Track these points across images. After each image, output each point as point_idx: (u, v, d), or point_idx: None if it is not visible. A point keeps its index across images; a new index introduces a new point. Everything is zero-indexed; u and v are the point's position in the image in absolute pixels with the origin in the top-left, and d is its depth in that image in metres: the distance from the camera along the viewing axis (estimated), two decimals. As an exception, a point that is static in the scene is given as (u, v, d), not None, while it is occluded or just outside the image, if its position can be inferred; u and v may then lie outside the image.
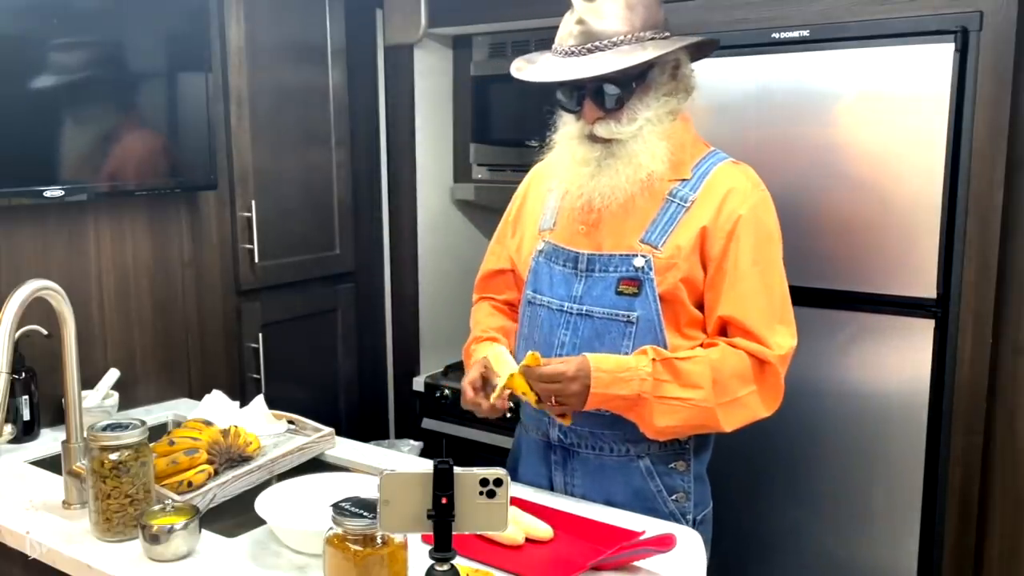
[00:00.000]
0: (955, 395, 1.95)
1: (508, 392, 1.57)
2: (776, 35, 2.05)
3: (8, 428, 1.84)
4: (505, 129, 2.90)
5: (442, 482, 1.12)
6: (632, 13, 1.57)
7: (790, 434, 2.15)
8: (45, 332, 1.81)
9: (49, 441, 1.99)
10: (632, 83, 1.58)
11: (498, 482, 1.14)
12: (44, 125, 2.00)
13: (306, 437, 1.94)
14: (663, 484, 1.67)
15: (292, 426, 2.02)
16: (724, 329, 1.62)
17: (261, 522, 1.49)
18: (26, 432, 2.01)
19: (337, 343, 2.89)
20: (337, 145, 2.78)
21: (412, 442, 2.78)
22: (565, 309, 1.67)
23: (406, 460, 1.96)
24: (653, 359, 1.55)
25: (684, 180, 1.63)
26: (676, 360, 1.56)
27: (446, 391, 2.93)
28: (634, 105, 1.59)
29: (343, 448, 1.96)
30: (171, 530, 1.42)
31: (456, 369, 3.02)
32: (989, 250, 1.89)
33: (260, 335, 2.58)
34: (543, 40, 2.67)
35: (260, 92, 2.52)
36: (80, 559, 1.45)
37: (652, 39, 1.58)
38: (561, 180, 1.68)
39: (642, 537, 1.45)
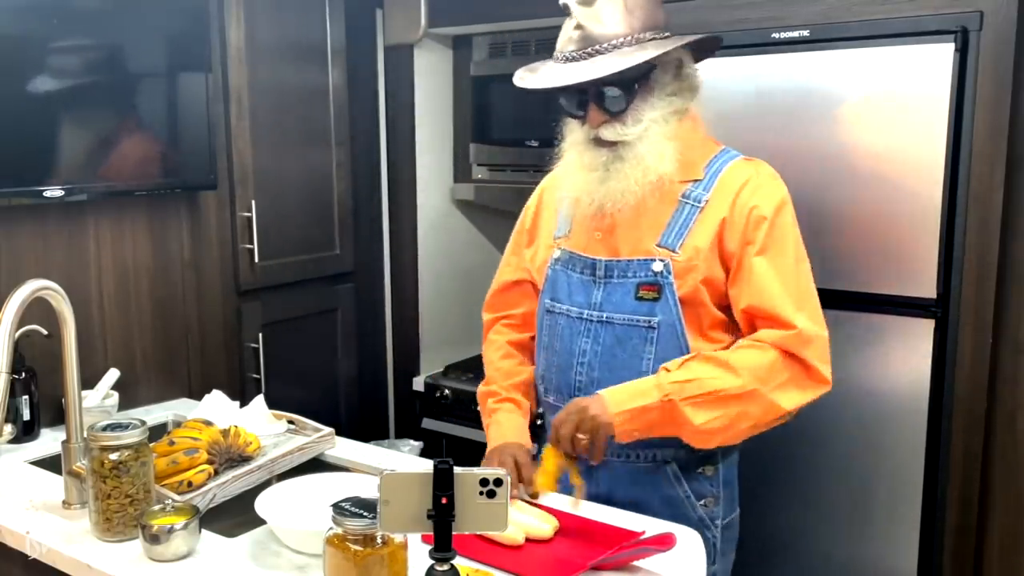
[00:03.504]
0: (955, 395, 1.95)
1: (550, 471, 1.58)
2: (776, 35, 2.05)
3: (8, 428, 1.84)
4: (505, 129, 2.90)
5: (442, 482, 1.12)
6: (630, 15, 1.56)
7: (790, 434, 2.14)
8: (45, 332, 1.81)
9: (49, 441, 1.99)
10: (635, 84, 1.57)
11: (498, 482, 1.14)
12: (44, 125, 2.00)
13: (306, 437, 1.94)
14: (691, 489, 1.66)
15: (292, 426, 2.02)
16: (753, 323, 1.60)
17: (261, 522, 1.49)
18: (26, 432, 2.01)
19: (337, 343, 2.89)
20: (337, 145, 2.78)
21: (412, 442, 2.78)
22: (585, 317, 1.66)
23: (406, 460, 1.96)
24: (666, 369, 1.55)
25: (697, 180, 1.62)
26: (691, 360, 1.55)
27: (446, 391, 2.93)
28: (638, 106, 1.58)
29: (343, 448, 1.96)
30: (171, 530, 1.42)
31: (456, 369, 3.03)
32: (989, 250, 1.89)
33: (260, 335, 2.58)
34: (543, 40, 2.69)
35: (260, 92, 2.52)
36: (80, 559, 1.45)
37: (652, 39, 1.57)
38: (571, 187, 1.67)
39: (642, 537, 1.45)
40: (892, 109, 1.93)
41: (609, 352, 1.63)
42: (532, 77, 1.63)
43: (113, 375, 2.13)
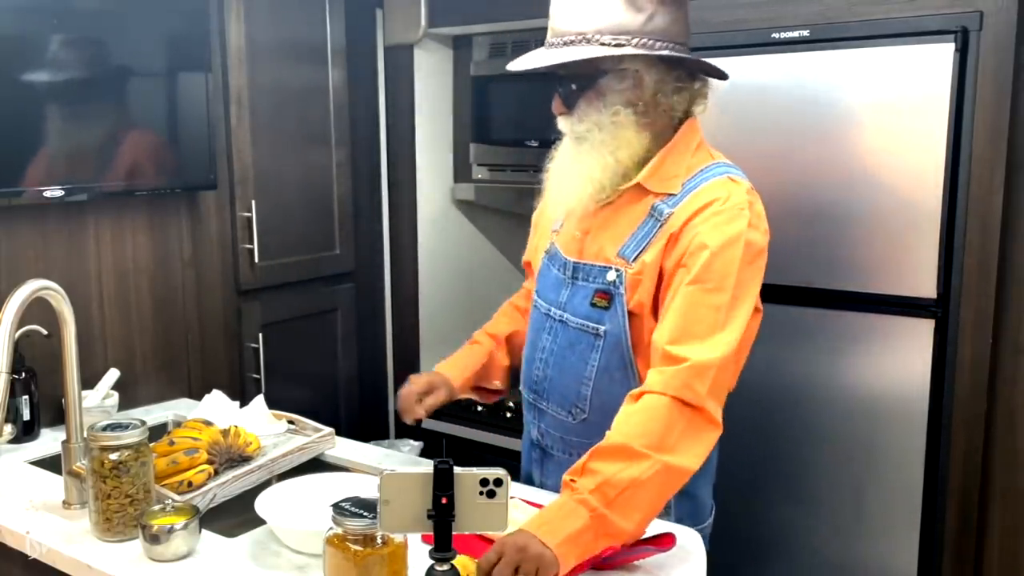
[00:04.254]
0: (955, 395, 1.95)
1: None
2: (776, 35, 2.05)
3: (8, 428, 1.85)
4: (505, 129, 2.90)
5: (442, 482, 1.12)
6: (596, 15, 1.52)
7: (790, 435, 2.15)
8: (45, 332, 1.81)
9: (49, 441, 1.99)
10: (581, 84, 1.56)
11: (498, 482, 1.14)
12: (44, 125, 2.00)
13: (306, 437, 1.94)
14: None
15: (292, 426, 2.02)
16: (655, 354, 1.49)
17: (261, 522, 1.49)
18: (26, 432, 2.01)
19: (337, 343, 2.89)
20: (337, 145, 2.78)
21: (412, 442, 2.78)
22: (551, 314, 1.67)
23: (406, 460, 1.96)
24: (568, 481, 1.38)
25: (671, 195, 1.56)
26: (590, 462, 1.38)
27: (446, 391, 2.93)
28: (583, 107, 1.57)
29: (343, 448, 1.96)
30: (171, 530, 1.42)
31: (456, 369, 3.02)
32: (989, 250, 1.89)
33: (260, 335, 2.58)
34: (543, 40, 2.68)
35: (260, 92, 2.52)
36: (80, 559, 1.45)
37: (605, 44, 1.51)
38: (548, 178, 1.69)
39: (642, 537, 1.45)
40: (892, 109, 1.93)
41: (561, 353, 1.64)
42: (521, 60, 1.63)
43: (113, 375, 2.13)
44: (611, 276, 1.57)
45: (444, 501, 1.12)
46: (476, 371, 1.84)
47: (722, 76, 1.62)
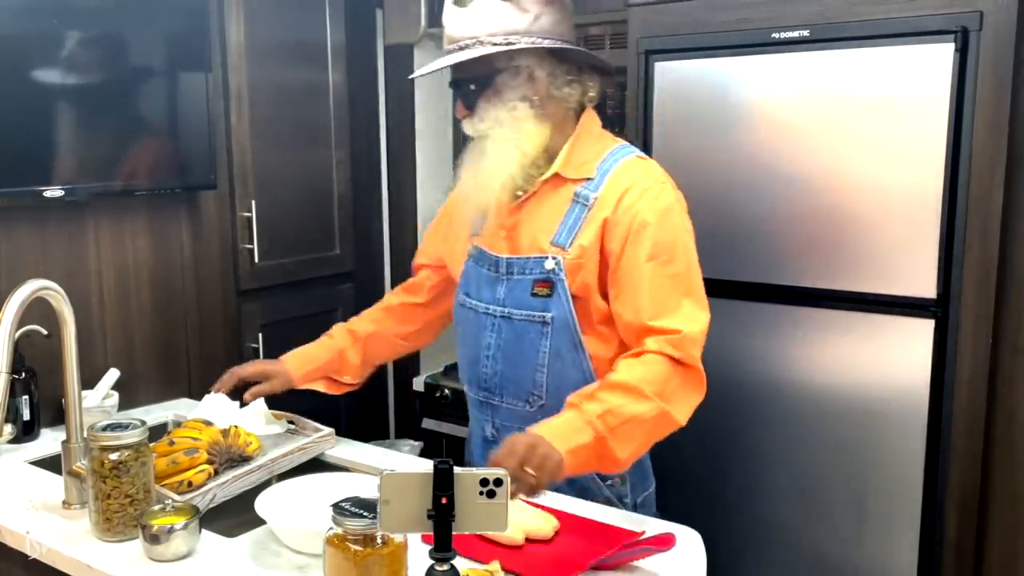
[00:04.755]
0: (955, 395, 1.95)
1: None
2: (776, 35, 2.05)
3: (8, 428, 1.85)
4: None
5: (442, 482, 1.12)
6: (486, 19, 1.62)
7: (790, 434, 2.15)
8: (45, 332, 1.81)
9: (49, 441, 1.99)
10: (478, 84, 1.65)
11: (498, 482, 1.14)
12: (44, 125, 2.00)
13: (306, 437, 1.94)
14: (597, 473, 1.69)
15: (292, 426, 2.02)
16: (637, 334, 1.60)
17: (261, 522, 1.49)
18: (26, 432, 2.01)
19: (337, 343, 2.88)
20: (337, 145, 2.77)
21: (412, 442, 2.78)
22: (490, 312, 1.73)
23: (406, 460, 1.96)
24: (574, 403, 1.52)
25: (589, 179, 1.67)
26: (599, 391, 1.52)
27: (446, 391, 2.93)
28: (483, 106, 1.66)
29: (343, 448, 1.96)
30: (171, 530, 1.42)
31: (456, 369, 3.02)
32: (989, 250, 1.89)
33: (260, 335, 2.58)
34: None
35: (260, 91, 2.52)
36: (80, 559, 1.45)
37: (496, 45, 1.62)
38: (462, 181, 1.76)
39: (642, 537, 1.45)
40: (892, 109, 1.93)
41: (510, 346, 1.71)
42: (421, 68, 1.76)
43: (113, 375, 2.13)
44: (549, 264, 1.65)
45: (444, 501, 1.12)
46: (320, 366, 1.95)
47: (608, 70, 1.74)
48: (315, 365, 1.95)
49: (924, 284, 1.95)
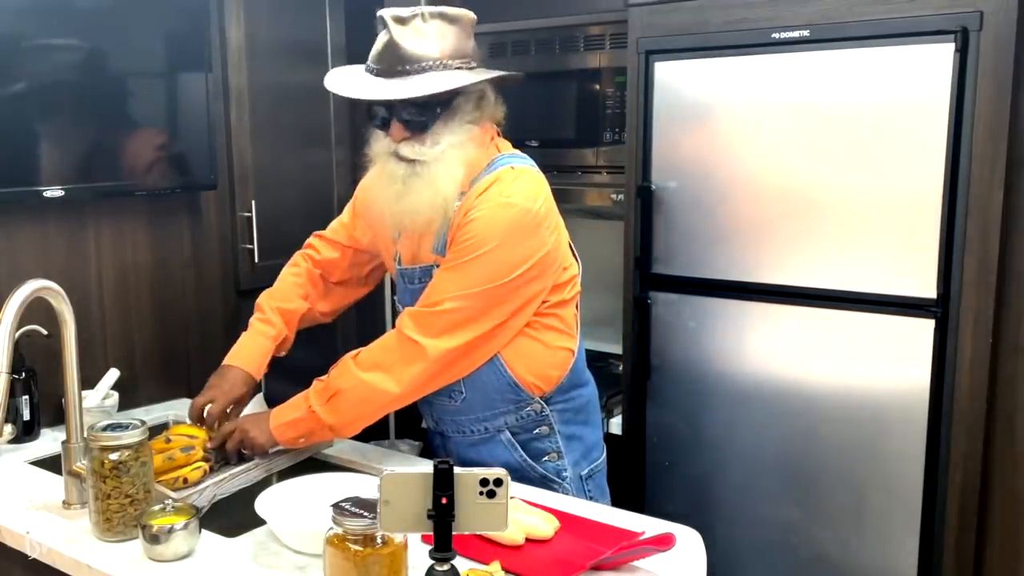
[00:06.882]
0: (955, 395, 1.95)
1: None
2: (776, 35, 2.06)
3: (8, 428, 1.84)
4: (504, 129, 2.88)
5: (442, 482, 1.12)
6: (442, 40, 1.64)
7: (789, 434, 2.15)
8: (45, 332, 1.81)
9: (49, 441, 1.99)
10: (437, 108, 1.65)
11: (498, 482, 1.14)
12: (44, 125, 2.00)
13: (306, 437, 1.94)
14: (527, 451, 1.79)
15: (292, 426, 2.01)
16: None
17: (261, 522, 1.49)
18: (26, 432, 2.01)
19: (337, 344, 2.88)
20: (337, 145, 2.77)
21: (412, 442, 2.78)
22: None
23: (406, 460, 1.96)
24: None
25: (463, 193, 1.69)
26: (331, 370, 1.74)
27: (446, 391, 2.92)
28: (438, 129, 1.67)
29: (343, 448, 1.96)
30: (171, 530, 1.42)
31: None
32: (989, 250, 1.89)
33: (260, 335, 2.58)
34: (543, 40, 2.68)
35: (260, 91, 2.52)
36: (80, 559, 1.45)
37: (459, 68, 1.65)
38: (374, 200, 1.80)
39: (642, 537, 1.45)
40: (892, 109, 1.93)
41: None
42: (344, 84, 1.72)
43: (113, 375, 2.13)
44: (435, 272, 1.72)
45: (444, 501, 1.12)
46: (267, 357, 1.99)
47: (516, 81, 1.80)
48: (265, 359, 1.99)
49: (924, 284, 1.95)
